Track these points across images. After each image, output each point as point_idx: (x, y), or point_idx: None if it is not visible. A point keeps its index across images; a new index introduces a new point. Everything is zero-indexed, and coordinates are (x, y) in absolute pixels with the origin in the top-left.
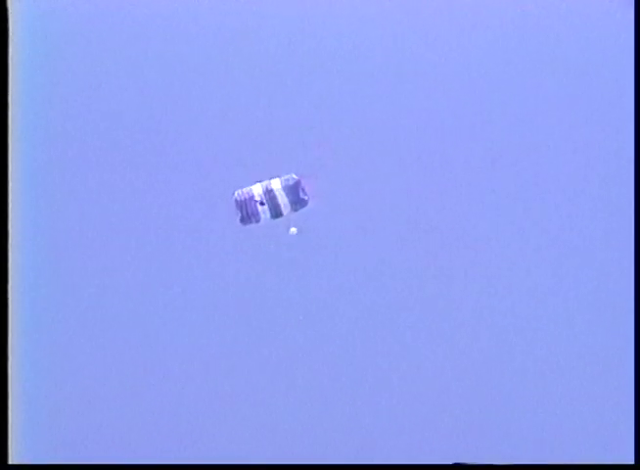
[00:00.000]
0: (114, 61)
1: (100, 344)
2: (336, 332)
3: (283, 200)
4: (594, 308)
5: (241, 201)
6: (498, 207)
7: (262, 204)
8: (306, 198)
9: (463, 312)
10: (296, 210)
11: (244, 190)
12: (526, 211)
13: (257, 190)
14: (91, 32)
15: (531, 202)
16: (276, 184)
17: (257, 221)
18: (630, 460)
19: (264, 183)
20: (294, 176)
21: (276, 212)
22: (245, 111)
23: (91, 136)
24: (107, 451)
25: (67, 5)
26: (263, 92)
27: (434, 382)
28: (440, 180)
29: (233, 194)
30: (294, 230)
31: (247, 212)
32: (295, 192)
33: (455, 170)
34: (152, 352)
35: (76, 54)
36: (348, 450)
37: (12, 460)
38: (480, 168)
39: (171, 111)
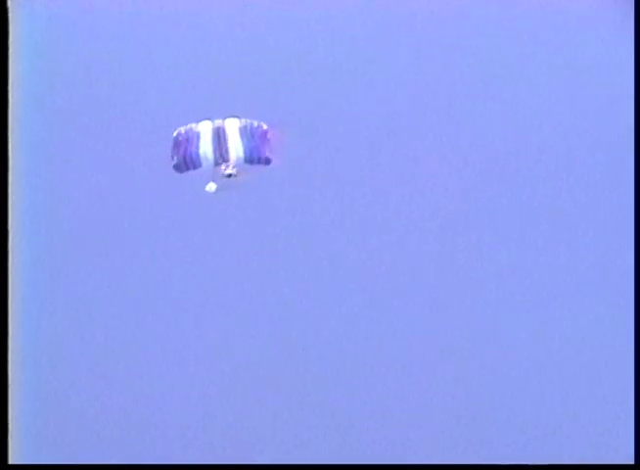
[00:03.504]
0: (116, 62)
1: (100, 344)
2: (320, 329)
3: (235, 144)
4: (594, 308)
5: (182, 139)
6: (496, 206)
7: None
8: (269, 155)
9: (462, 312)
10: (250, 162)
11: (187, 127)
12: (526, 210)
13: (205, 128)
14: (92, 34)
15: (531, 202)
16: (232, 125)
17: (195, 168)
18: (630, 460)
19: (217, 121)
20: (262, 125)
21: (222, 158)
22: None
23: (91, 137)
24: (107, 451)
25: (67, 6)
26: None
27: (433, 381)
28: (440, 178)
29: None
30: (212, 186)
31: (184, 156)
32: (255, 142)
33: (454, 170)
34: (152, 353)
35: (77, 55)
36: (348, 450)
37: (12, 460)
38: (480, 168)
39: (173, 111)
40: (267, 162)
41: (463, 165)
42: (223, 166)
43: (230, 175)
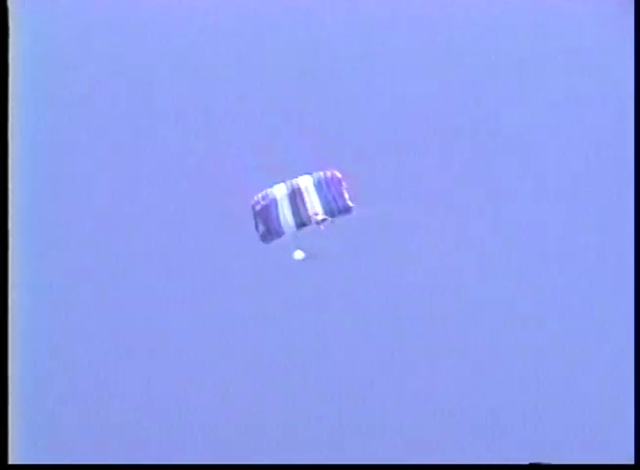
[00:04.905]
0: (116, 60)
1: (99, 344)
2: (322, 333)
3: (313, 201)
4: (594, 309)
5: (261, 209)
6: (498, 205)
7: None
8: (349, 203)
9: (462, 313)
10: (332, 216)
11: (263, 193)
12: (526, 210)
13: (281, 191)
14: (92, 32)
15: (532, 202)
16: (305, 181)
17: (280, 236)
18: (630, 460)
19: (290, 182)
20: (335, 173)
21: (301, 220)
22: (256, 110)
23: (92, 134)
24: (106, 451)
25: (67, 4)
26: (273, 93)
27: (434, 383)
28: (439, 172)
29: (252, 201)
30: (299, 254)
31: (267, 226)
32: (332, 193)
33: (454, 169)
34: (151, 353)
35: (77, 53)
36: (348, 450)
37: (12, 460)
38: (479, 169)
39: (175, 109)
40: (348, 210)
41: (463, 166)
42: (314, 219)
43: (323, 220)
